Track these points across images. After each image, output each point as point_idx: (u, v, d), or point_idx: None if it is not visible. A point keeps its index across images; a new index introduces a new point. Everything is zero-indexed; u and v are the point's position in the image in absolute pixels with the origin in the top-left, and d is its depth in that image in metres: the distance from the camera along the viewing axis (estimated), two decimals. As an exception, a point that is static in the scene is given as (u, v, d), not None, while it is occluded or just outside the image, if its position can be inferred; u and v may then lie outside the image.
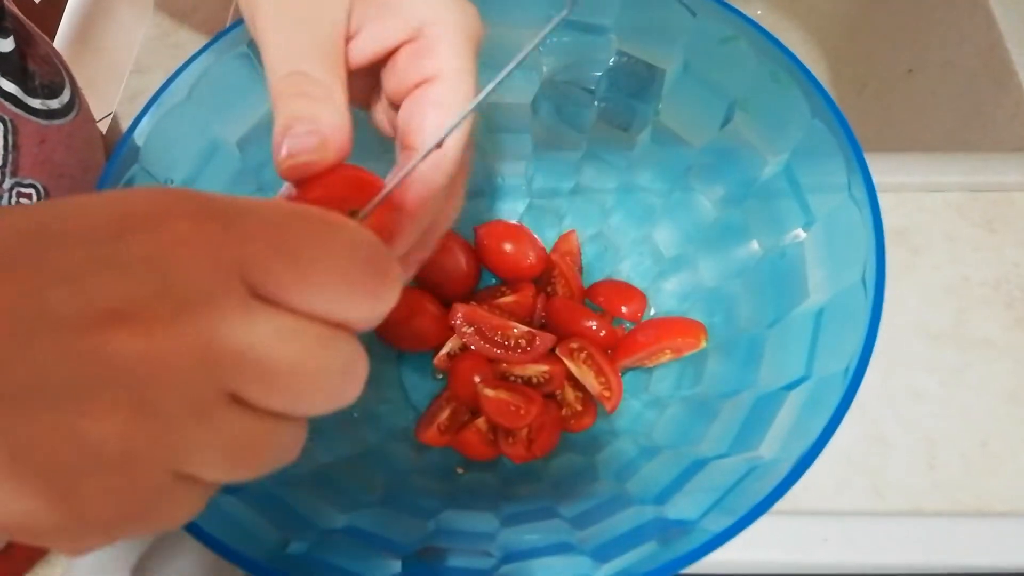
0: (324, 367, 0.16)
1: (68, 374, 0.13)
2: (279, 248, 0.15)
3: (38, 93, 0.36)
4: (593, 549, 0.27)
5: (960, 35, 0.56)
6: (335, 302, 0.16)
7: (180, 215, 0.14)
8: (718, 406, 0.33)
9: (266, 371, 0.15)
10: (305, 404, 0.16)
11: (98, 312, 0.13)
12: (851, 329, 0.27)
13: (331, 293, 0.16)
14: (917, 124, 0.60)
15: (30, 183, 0.35)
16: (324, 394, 0.16)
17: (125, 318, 0.13)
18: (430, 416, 0.39)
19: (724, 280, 0.38)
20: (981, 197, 0.45)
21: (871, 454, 0.38)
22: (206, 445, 0.15)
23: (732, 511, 0.25)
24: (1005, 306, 0.42)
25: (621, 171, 0.43)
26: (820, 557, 0.35)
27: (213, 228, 0.14)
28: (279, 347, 0.15)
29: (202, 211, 0.15)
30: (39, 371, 0.13)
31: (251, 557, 0.25)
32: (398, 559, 0.28)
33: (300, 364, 0.15)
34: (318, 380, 0.16)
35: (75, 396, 0.13)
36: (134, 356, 0.13)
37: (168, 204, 0.15)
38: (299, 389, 0.15)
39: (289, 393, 0.15)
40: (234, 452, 0.15)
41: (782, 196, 0.34)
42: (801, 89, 0.31)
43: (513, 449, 0.38)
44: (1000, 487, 0.37)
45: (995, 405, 0.39)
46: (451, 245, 0.42)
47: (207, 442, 0.14)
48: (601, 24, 0.36)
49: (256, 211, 0.15)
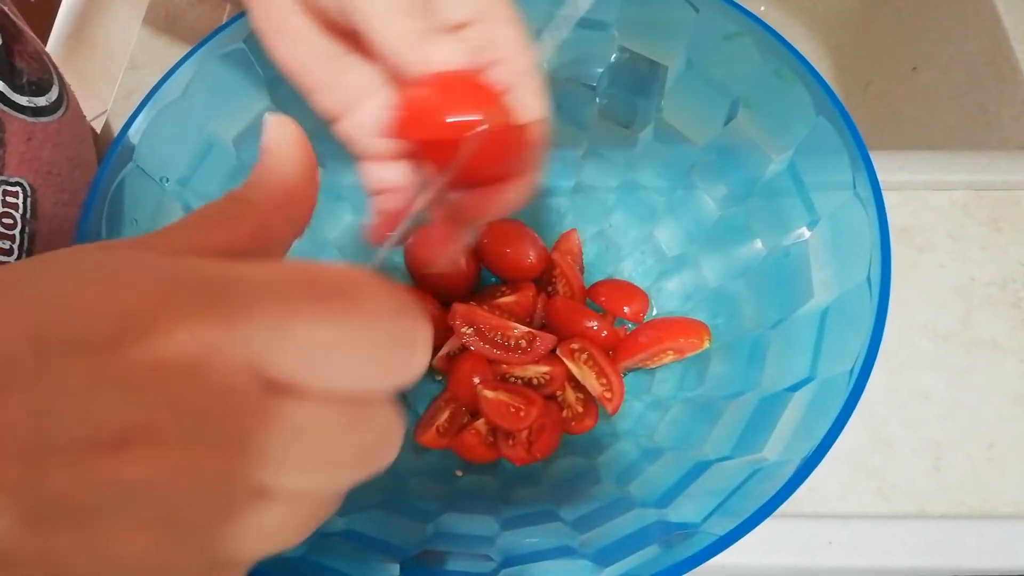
0: (354, 449, 0.15)
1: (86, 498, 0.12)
2: (290, 333, 0.14)
3: (25, 90, 0.36)
4: (594, 553, 0.27)
5: (965, 32, 0.55)
6: (360, 382, 0.15)
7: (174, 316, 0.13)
8: (721, 407, 0.33)
9: (292, 466, 0.14)
10: (337, 484, 0.15)
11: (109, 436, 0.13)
12: (856, 329, 0.27)
13: (354, 375, 0.15)
14: (922, 122, 0.60)
15: (16, 181, 0.34)
16: (357, 471, 0.15)
17: (135, 443, 0.13)
18: (429, 418, 0.39)
19: (727, 280, 0.38)
20: (987, 196, 0.45)
21: (876, 456, 0.38)
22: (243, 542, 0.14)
23: (736, 514, 0.24)
24: (1012, 306, 0.42)
25: (623, 169, 0.42)
26: (825, 560, 0.35)
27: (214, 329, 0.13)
28: (302, 442, 0.14)
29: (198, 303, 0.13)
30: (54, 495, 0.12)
31: (246, 561, 0.24)
32: (397, 562, 0.28)
33: (329, 453, 0.14)
34: (350, 461, 0.15)
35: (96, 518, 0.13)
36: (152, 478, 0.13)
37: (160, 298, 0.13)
38: (329, 474, 0.15)
39: (320, 478, 0.15)
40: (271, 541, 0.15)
41: (786, 194, 0.33)
42: (805, 86, 0.31)
43: (513, 451, 0.37)
44: (1006, 489, 0.37)
45: (1001, 406, 0.39)
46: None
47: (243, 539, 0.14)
48: (603, 20, 0.36)
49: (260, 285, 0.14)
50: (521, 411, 0.36)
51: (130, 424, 0.13)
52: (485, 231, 0.43)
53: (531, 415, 0.36)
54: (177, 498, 0.13)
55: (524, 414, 0.36)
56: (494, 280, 0.45)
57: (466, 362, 0.39)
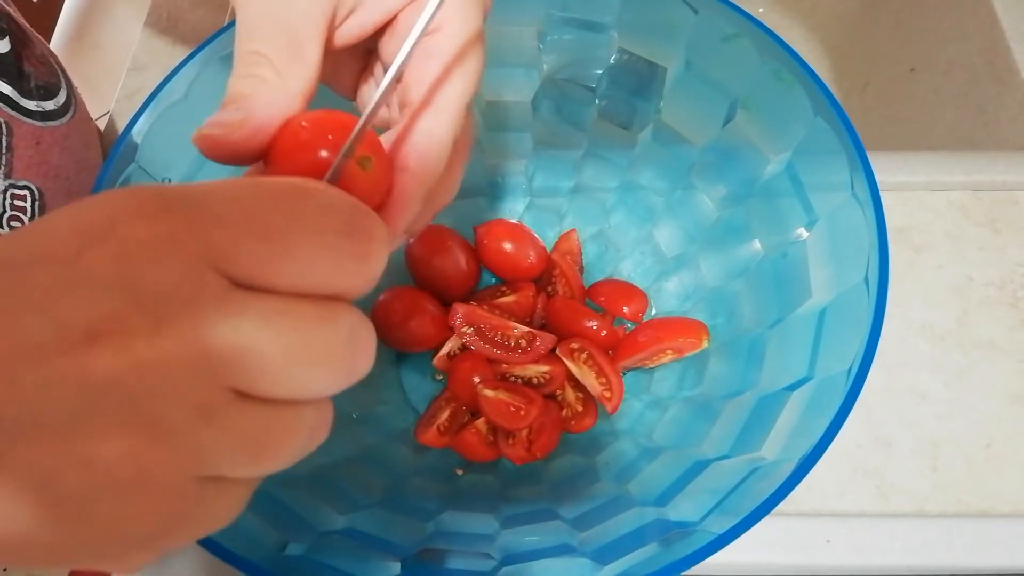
0: (324, 345, 0.15)
1: (60, 402, 0.13)
2: (247, 228, 0.14)
3: (33, 95, 0.36)
4: (594, 551, 0.27)
5: (963, 33, 0.56)
6: (320, 272, 0.15)
7: (134, 217, 0.13)
8: (720, 407, 0.33)
9: (260, 361, 0.14)
10: (315, 385, 0.15)
11: (75, 335, 0.13)
12: (854, 329, 0.27)
13: (313, 263, 0.15)
14: (920, 123, 0.60)
15: (24, 185, 0.35)
16: (332, 371, 0.15)
17: (102, 336, 0.13)
18: (429, 417, 0.39)
19: (726, 280, 0.38)
20: (985, 196, 0.45)
21: (874, 455, 0.38)
22: (220, 445, 0.14)
23: (734, 512, 0.24)
24: (1009, 306, 0.42)
25: (622, 170, 0.42)
26: (823, 559, 0.35)
27: (173, 223, 0.14)
28: (268, 334, 0.14)
29: (157, 207, 0.14)
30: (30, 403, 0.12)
31: (249, 559, 0.24)
32: (397, 561, 0.28)
33: (295, 347, 0.14)
34: (320, 359, 0.15)
35: (72, 422, 0.13)
36: (122, 372, 0.13)
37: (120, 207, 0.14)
38: (302, 372, 0.14)
39: (292, 378, 0.14)
40: (252, 446, 0.14)
41: (784, 195, 0.33)
42: (804, 87, 0.31)
43: (513, 450, 0.37)
44: (1004, 488, 0.37)
45: (999, 406, 0.39)
46: (451, 245, 0.42)
47: (221, 442, 0.14)
48: (602, 21, 0.36)
49: (216, 193, 0.14)
50: (521, 410, 0.37)
51: (94, 318, 0.13)
52: (485, 232, 0.43)
53: (531, 414, 0.36)
54: (151, 395, 0.13)
55: (524, 413, 0.36)
56: (494, 280, 0.45)
57: (466, 362, 0.39)
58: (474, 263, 0.43)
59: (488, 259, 0.43)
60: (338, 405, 0.42)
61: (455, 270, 0.42)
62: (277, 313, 0.14)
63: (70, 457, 0.13)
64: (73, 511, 0.13)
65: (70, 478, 0.13)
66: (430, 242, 0.42)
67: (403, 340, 0.41)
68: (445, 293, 0.42)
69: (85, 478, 0.13)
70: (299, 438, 0.15)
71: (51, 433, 0.13)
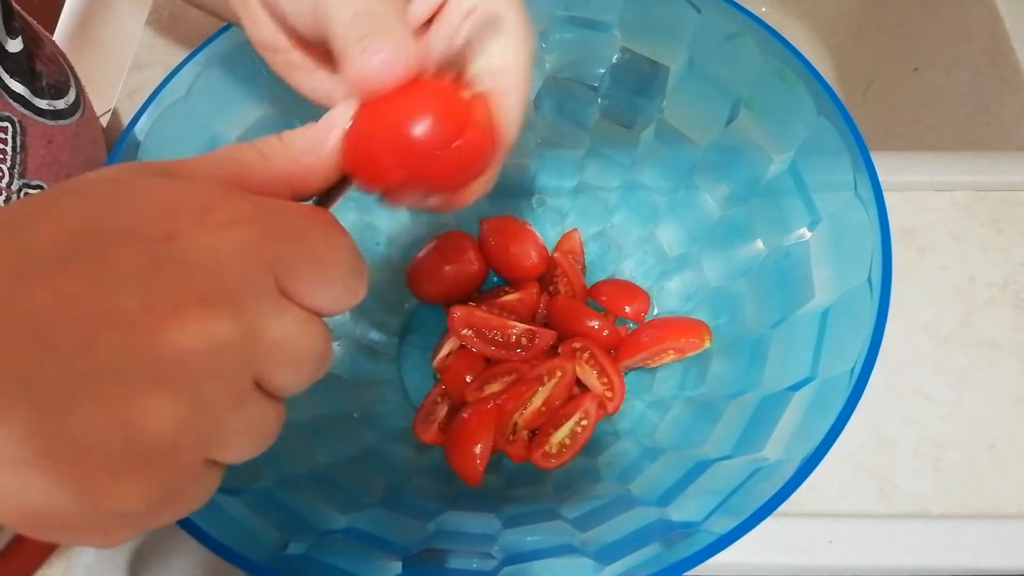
0: (321, 351, 0.17)
1: (131, 367, 0.14)
2: (306, 252, 0.17)
3: (45, 94, 0.36)
4: (596, 551, 0.27)
5: (966, 33, 0.55)
6: (334, 299, 0.18)
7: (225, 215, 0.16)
8: (722, 407, 0.33)
9: (291, 358, 0.16)
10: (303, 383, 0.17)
11: (163, 308, 0.14)
12: (857, 329, 0.27)
13: (335, 292, 0.18)
14: (923, 123, 0.60)
15: (37, 184, 0.35)
16: (316, 373, 0.18)
17: (188, 314, 0.14)
18: (426, 413, 0.39)
19: (728, 280, 0.38)
20: (988, 196, 0.45)
21: (877, 456, 0.38)
22: (239, 431, 0.16)
23: (736, 513, 0.24)
24: (1013, 307, 0.42)
25: (625, 169, 0.42)
26: (825, 559, 0.35)
27: (255, 230, 0.16)
28: (299, 338, 0.16)
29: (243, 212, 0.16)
30: (102, 363, 0.13)
31: (250, 558, 0.24)
32: (398, 560, 0.28)
33: (311, 350, 0.17)
34: (316, 362, 0.17)
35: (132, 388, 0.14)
36: (195, 351, 0.14)
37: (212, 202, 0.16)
38: (306, 370, 0.17)
39: (299, 375, 0.17)
40: (255, 435, 0.17)
41: (787, 195, 0.33)
42: (807, 87, 0.31)
43: (513, 449, 0.37)
44: (1007, 489, 0.37)
45: (1002, 407, 0.39)
46: (463, 244, 0.42)
47: (239, 428, 0.16)
48: (604, 20, 0.36)
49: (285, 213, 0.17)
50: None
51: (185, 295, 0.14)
52: (490, 228, 0.43)
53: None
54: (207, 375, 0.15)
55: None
56: (496, 281, 0.45)
57: (459, 361, 0.39)
58: (482, 265, 0.43)
59: (491, 257, 0.43)
60: (339, 405, 0.42)
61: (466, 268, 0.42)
62: (304, 321, 0.17)
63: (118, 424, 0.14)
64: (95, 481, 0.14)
65: (109, 445, 0.14)
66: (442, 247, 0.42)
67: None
68: (454, 295, 0.42)
69: (122, 446, 0.14)
70: (276, 430, 0.18)
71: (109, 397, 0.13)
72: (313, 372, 0.17)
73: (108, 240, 0.14)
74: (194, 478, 0.15)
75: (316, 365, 0.17)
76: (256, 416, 0.16)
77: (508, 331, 0.39)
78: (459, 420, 0.36)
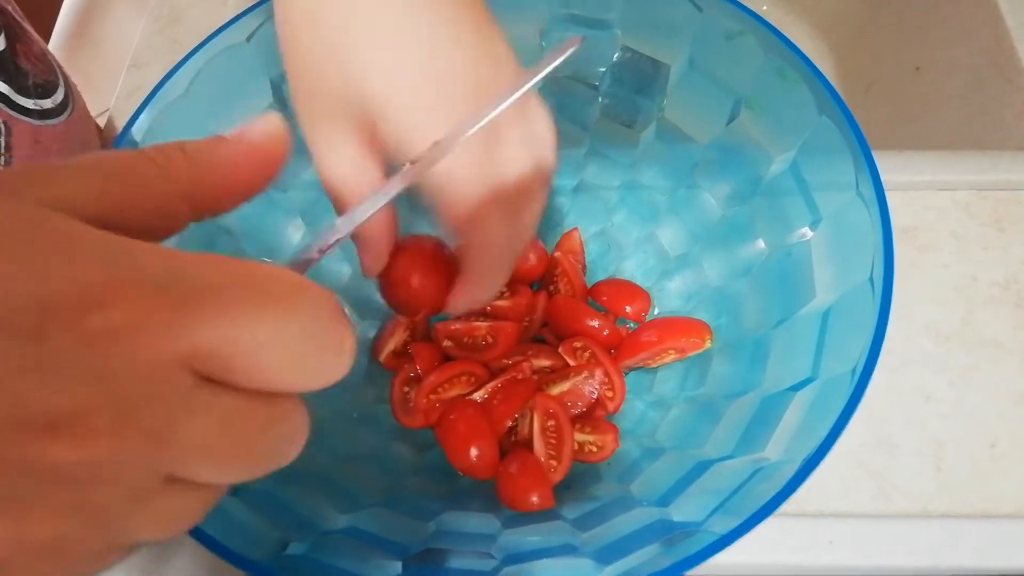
0: (267, 445, 0.15)
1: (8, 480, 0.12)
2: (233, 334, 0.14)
3: (31, 93, 0.36)
4: (596, 551, 0.27)
5: (967, 32, 0.55)
6: (287, 381, 0.15)
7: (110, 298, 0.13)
8: (723, 407, 0.33)
9: (209, 458, 0.14)
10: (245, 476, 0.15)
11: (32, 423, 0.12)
12: (858, 329, 0.27)
13: (285, 374, 0.15)
14: (925, 122, 0.60)
15: None
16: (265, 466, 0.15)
17: (62, 430, 0.12)
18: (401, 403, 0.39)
19: (729, 279, 0.38)
20: (990, 196, 0.45)
21: (878, 455, 0.38)
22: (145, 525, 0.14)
23: (737, 513, 0.24)
24: (1014, 306, 0.41)
25: (625, 168, 0.42)
26: (826, 559, 0.35)
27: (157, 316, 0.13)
28: (224, 435, 0.14)
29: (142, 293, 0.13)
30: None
31: (251, 558, 0.24)
32: (398, 561, 0.28)
33: (244, 447, 0.15)
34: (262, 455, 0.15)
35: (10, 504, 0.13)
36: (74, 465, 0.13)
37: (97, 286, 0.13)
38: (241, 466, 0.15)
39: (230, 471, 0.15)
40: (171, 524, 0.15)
41: (789, 194, 0.33)
42: (808, 86, 0.31)
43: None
44: (1009, 489, 0.37)
45: (1004, 406, 0.39)
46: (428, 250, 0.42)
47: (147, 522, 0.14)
48: (605, 19, 0.36)
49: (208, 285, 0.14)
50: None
51: (58, 410, 0.12)
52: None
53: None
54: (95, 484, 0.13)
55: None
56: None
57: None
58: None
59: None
60: (339, 405, 0.42)
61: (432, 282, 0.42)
62: (237, 413, 0.14)
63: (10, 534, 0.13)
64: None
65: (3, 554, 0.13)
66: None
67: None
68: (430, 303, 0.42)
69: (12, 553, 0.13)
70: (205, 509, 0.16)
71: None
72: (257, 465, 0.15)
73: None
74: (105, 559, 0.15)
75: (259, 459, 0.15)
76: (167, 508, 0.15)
77: (476, 333, 0.39)
78: (455, 419, 0.36)
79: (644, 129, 0.40)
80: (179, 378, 0.13)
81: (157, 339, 0.13)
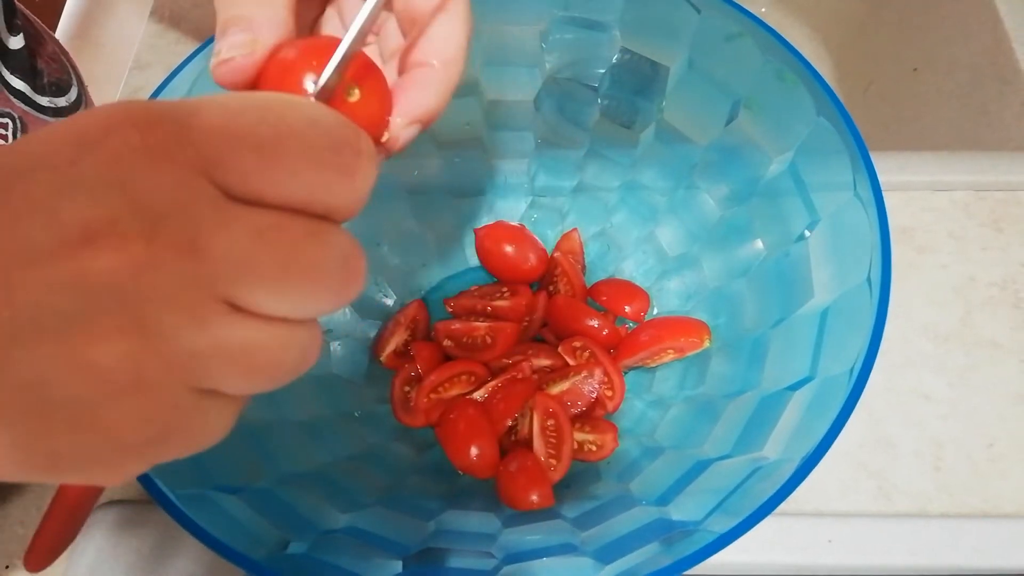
0: (318, 262, 0.15)
1: (59, 304, 0.13)
2: (237, 138, 0.14)
3: (46, 91, 0.36)
4: (595, 550, 0.27)
5: (966, 33, 0.55)
6: (309, 185, 0.15)
7: (129, 126, 0.14)
8: (722, 406, 0.33)
9: (254, 273, 0.14)
10: (308, 304, 0.15)
11: (73, 236, 0.13)
12: (856, 329, 0.27)
13: (303, 176, 0.15)
14: (923, 123, 0.60)
15: None
16: (325, 291, 0.15)
17: (99, 238, 0.13)
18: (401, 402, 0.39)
19: (728, 279, 0.38)
20: (988, 196, 0.45)
21: (877, 455, 0.38)
22: (215, 356, 0.14)
23: (736, 512, 0.24)
24: (1012, 306, 0.42)
25: (624, 169, 0.42)
26: (825, 559, 0.35)
27: (165, 132, 0.14)
28: (262, 247, 0.14)
29: (151, 117, 0.14)
30: (28, 306, 0.13)
31: (251, 557, 0.24)
32: (399, 560, 0.28)
33: (289, 261, 0.14)
34: (314, 276, 0.15)
35: (71, 325, 0.13)
36: (119, 274, 0.13)
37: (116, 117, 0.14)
38: (295, 289, 0.15)
39: (286, 294, 0.15)
40: (247, 361, 0.15)
41: (787, 195, 0.33)
42: (806, 87, 0.31)
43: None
44: (1007, 489, 0.37)
45: (1002, 406, 0.39)
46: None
47: (215, 352, 0.14)
48: (604, 21, 0.36)
49: (207, 106, 0.15)
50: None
51: (91, 220, 0.13)
52: (485, 234, 0.43)
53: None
54: (146, 298, 0.13)
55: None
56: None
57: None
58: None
59: (488, 261, 0.43)
60: (339, 404, 0.42)
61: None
62: (270, 227, 0.14)
63: (68, 361, 0.13)
64: (70, 417, 0.13)
65: (68, 382, 0.13)
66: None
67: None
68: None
69: (83, 382, 0.13)
70: (291, 357, 0.15)
71: (49, 337, 0.13)
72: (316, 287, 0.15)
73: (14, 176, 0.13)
74: (189, 408, 0.14)
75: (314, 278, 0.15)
76: (238, 340, 0.14)
77: (476, 334, 0.40)
78: (456, 418, 0.36)
79: (643, 130, 0.40)
80: (203, 188, 0.14)
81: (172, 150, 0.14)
